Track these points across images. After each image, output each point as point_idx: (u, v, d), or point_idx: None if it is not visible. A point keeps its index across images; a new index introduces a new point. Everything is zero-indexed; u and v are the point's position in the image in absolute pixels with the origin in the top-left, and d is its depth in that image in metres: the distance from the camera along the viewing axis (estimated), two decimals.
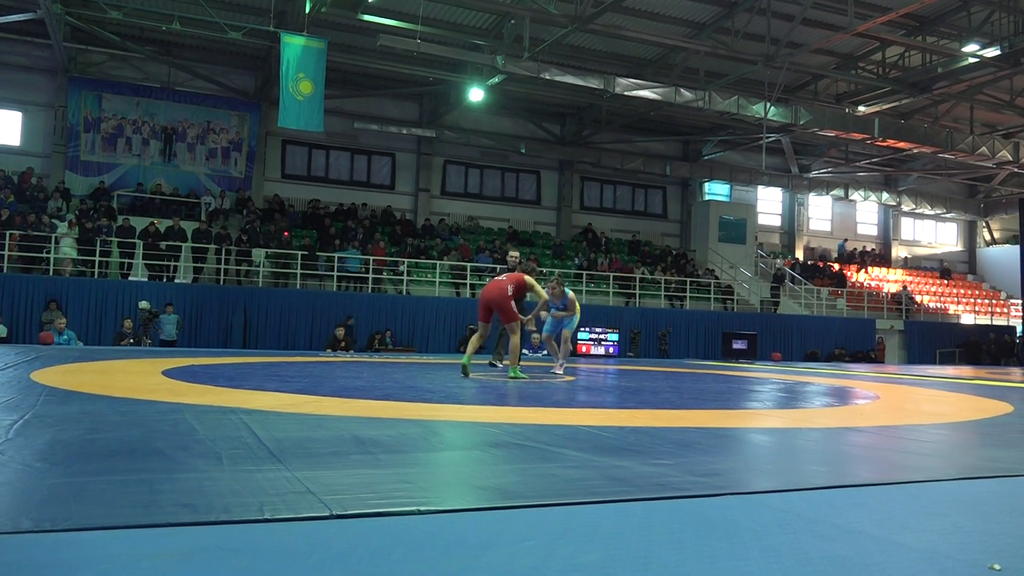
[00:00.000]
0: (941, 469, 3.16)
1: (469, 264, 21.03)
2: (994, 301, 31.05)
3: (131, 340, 15.15)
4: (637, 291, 22.46)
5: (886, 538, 1.94)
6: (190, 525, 1.84)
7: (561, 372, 9.43)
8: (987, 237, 35.51)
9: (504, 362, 9.19)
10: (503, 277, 8.70)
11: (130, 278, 17.56)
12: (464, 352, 8.94)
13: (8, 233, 16.91)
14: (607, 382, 8.30)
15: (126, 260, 17.86)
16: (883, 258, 32.63)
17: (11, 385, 5.34)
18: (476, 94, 20.64)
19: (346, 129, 23.49)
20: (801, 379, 10.07)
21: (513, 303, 8.41)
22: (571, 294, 9.96)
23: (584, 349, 18.68)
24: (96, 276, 17.03)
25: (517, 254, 11.56)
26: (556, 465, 2.80)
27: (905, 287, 29.35)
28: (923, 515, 2.25)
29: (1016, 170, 26.22)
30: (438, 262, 20.50)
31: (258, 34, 18.34)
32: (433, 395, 5.76)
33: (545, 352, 18.11)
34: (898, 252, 33.39)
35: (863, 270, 30.28)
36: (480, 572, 1.60)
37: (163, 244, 18.15)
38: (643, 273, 23.34)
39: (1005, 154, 24.25)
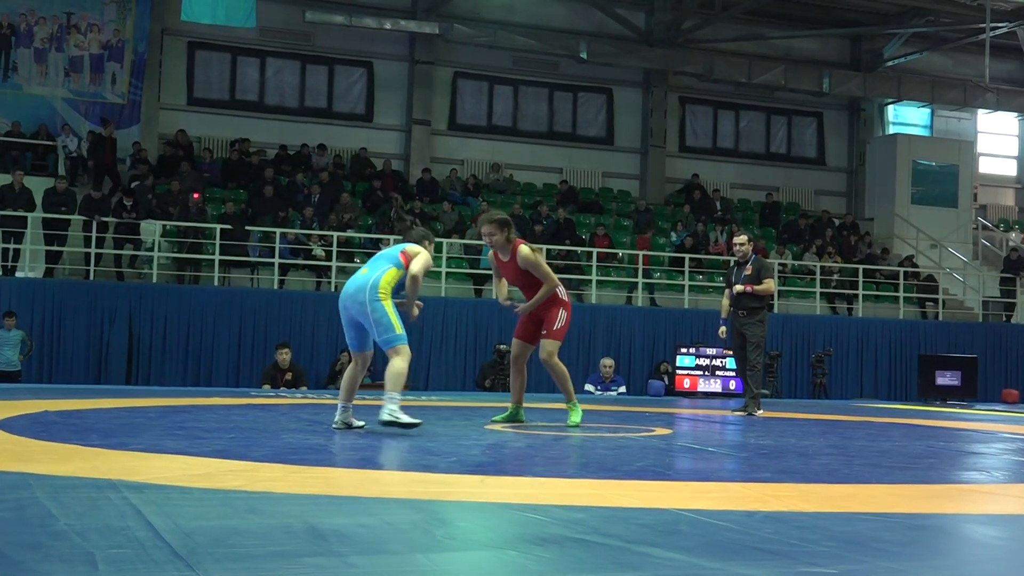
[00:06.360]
0: None
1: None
2: None
3: None
4: (775, 288, 17.05)
5: None
6: None
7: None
8: None
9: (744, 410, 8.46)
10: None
11: None
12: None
13: None
14: (724, 437, 7.24)
15: None
16: None
17: None
18: None
19: (293, 23, 18.84)
20: None
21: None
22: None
23: (687, 384, 15.70)
24: None
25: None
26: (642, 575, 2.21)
27: None
28: None
29: None
30: (445, 241, 15.92)
31: None
32: (438, 459, 4.78)
33: (622, 390, 14.96)
34: None
35: None
36: None
37: None
38: (785, 257, 18.61)
39: None
